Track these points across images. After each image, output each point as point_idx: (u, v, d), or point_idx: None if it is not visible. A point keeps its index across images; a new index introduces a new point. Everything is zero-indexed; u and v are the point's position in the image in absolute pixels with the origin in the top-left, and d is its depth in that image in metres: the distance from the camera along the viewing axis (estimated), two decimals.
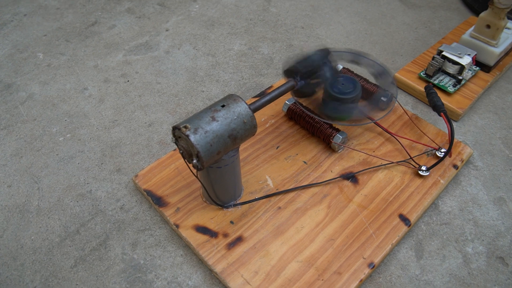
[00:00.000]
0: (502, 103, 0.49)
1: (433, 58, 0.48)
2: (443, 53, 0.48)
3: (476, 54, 0.48)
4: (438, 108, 0.41)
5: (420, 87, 0.48)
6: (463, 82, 0.47)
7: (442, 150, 0.41)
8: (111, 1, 0.65)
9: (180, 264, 0.36)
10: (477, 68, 0.49)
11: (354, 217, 0.37)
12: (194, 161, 0.31)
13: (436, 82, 0.48)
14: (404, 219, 0.37)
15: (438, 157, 0.41)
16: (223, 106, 0.32)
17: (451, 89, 0.47)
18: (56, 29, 0.60)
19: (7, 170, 0.43)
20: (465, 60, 0.46)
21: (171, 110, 0.49)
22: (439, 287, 0.34)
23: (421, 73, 0.49)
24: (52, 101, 0.50)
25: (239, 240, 0.36)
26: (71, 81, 0.52)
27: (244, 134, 0.32)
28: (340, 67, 0.48)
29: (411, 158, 0.41)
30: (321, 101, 0.41)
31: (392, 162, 0.41)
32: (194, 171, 0.34)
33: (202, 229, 0.36)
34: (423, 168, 0.40)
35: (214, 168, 0.34)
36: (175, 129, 0.31)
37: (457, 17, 0.61)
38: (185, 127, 0.30)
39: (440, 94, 0.46)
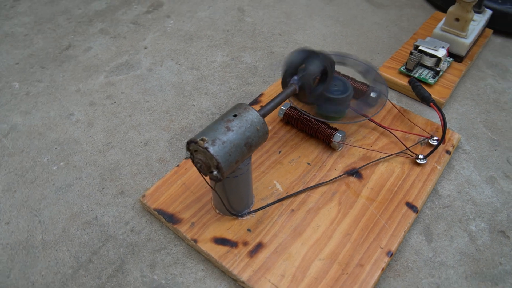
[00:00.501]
0: (476, 89, 0.52)
1: (411, 53, 0.51)
2: (420, 47, 0.50)
3: (449, 46, 0.51)
4: (426, 99, 0.43)
5: (402, 81, 0.51)
6: (441, 73, 0.50)
7: (434, 138, 0.43)
8: (82, 23, 0.64)
9: (203, 278, 0.36)
10: (451, 59, 0.52)
11: (365, 210, 0.38)
12: (215, 172, 0.31)
13: (416, 75, 0.51)
14: (411, 206, 0.39)
15: (431, 145, 0.43)
16: (235, 115, 0.33)
17: (431, 80, 0.50)
18: (28, 56, 0.58)
19: (1, 207, 0.41)
20: (441, 53, 0.50)
21: (165, 127, 0.48)
22: (452, 266, 0.36)
23: (401, 68, 0.52)
24: (38, 130, 0.48)
25: (259, 246, 0.36)
26: (54, 108, 0.51)
27: (258, 140, 0.33)
28: None
29: (407, 148, 0.43)
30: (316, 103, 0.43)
31: (391, 154, 0.43)
32: (211, 183, 0.34)
33: (221, 241, 0.36)
34: (420, 156, 0.42)
35: (231, 178, 0.34)
36: (191, 143, 0.31)
37: (423, 14, 0.65)
38: (203, 139, 0.31)
39: None
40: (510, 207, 0.40)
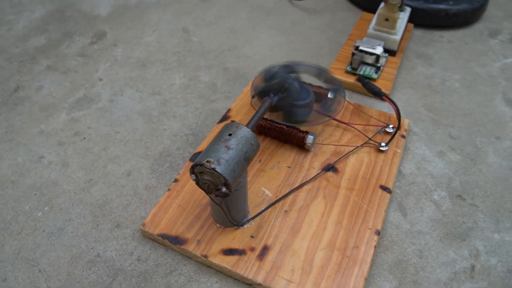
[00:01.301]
0: (411, 78, 0.60)
1: (354, 53, 0.57)
2: (360, 47, 0.57)
3: (383, 43, 0.58)
4: (378, 93, 0.49)
5: (351, 80, 0.57)
6: (381, 68, 0.57)
7: (390, 126, 0.50)
8: (25, 62, 0.62)
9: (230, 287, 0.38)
10: (386, 54, 0.60)
11: (347, 199, 0.43)
12: (223, 189, 0.34)
13: (361, 72, 0.57)
14: (384, 188, 0.44)
15: (387, 132, 0.50)
16: (230, 134, 0.35)
17: (374, 76, 0.57)
18: None
19: None
20: (379, 50, 0.56)
21: (142, 155, 0.50)
22: (427, 233, 0.43)
23: (347, 68, 0.58)
24: (9, 179, 0.47)
25: (265, 249, 0.39)
26: (20, 153, 0.49)
27: (253, 153, 0.36)
28: None
29: (369, 139, 0.49)
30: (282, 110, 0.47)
31: (357, 146, 0.48)
32: (217, 200, 0.37)
33: (229, 251, 0.39)
34: (382, 144, 0.48)
35: (233, 192, 0.37)
36: (196, 166, 0.34)
37: (352, 15, 0.72)
38: (208, 161, 0.33)
39: None
40: (460, 174, 0.48)
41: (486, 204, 0.45)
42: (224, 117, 0.52)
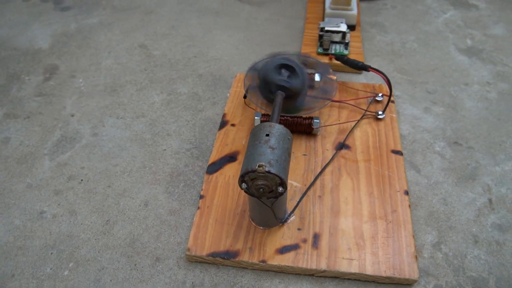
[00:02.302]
0: (374, 47, 0.64)
1: (321, 35, 0.59)
2: (326, 28, 0.59)
3: (344, 20, 0.61)
4: (363, 67, 0.52)
5: (325, 60, 0.59)
6: (349, 43, 0.60)
7: (380, 94, 0.53)
8: None
9: (293, 283, 0.38)
10: (348, 30, 0.63)
11: (368, 170, 0.46)
12: (280, 189, 0.34)
13: (333, 51, 0.59)
14: (396, 152, 0.47)
15: (378, 101, 0.53)
16: (267, 135, 0.35)
17: (346, 52, 0.59)
18: None
19: None
20: (343, 27, 0.59)
21: (152, 181, 0.47)
22: (443, 181, 0.46)
23: (319, 50, 0.60)
24: (15, 245, 0.42)
25: (316, 237, 0.40)
26: (15, 215, 0.44)
27: (291, 146, 0.37)
28: None
29: (366, 110, 0.51)
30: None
31: (358, 120, 0.50)
32: (268, 202, 0.37)
33: (284, 249, 0.39)
34: (380, 112, 0.51)
35: None
36: (247, 174, 0.33)
37: (299, 0, 0.74)
38: (260, 166, 0.33)
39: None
40: (449, 123, 0.53)
41: (479, 144, 0.50)
42: (223, 123, 0.51)
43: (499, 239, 0.41)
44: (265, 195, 0.35)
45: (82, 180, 0.48)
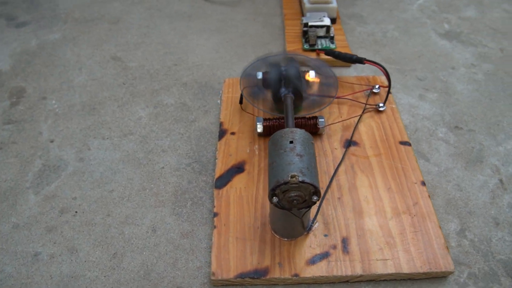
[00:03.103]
0: (357, 39, 0.63)
1: (306, 31, 0.57)
2: (309, 23, 0.58)
3: (326, 14, 0.60)
4: (359, 60, 0.51)
5: (312, 56, 0.57)
6: (334, 37, 0.59)
7: (376, 86, 0.52)
8: None
9: None
10: (330, 23, 0.62)
11: (381, 165, 0.44)
12: (314, 198, 0.32)
13: (319, 47, 0.58)
14: (404, 143, 0.47)
15: (375, 93, 0.52)
16: (291, 142, 0.33)
17: (332, 46, 0.58)
18: None
19: None
20: (327, 21, 0.58)
21: (156, 204, 0.43)
22: (453, 167, 0.46)
23: (305, 46, 0.58)
24: None
25: (345, 241, 0.38)
26: (5, 261, 0.39)
27: (314, 150, 0.35)
28: (259, 74, 0.52)
29: (366, 104, 0.50)
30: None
31: (361, 115, 0.49)
32: (298, 213, 0.35)
33: (314, 259, 0.37)
34: (380, 105, 0.50)
35: None
36: (279, 186, 0.31)
37: None
38: (293, 176, 0.31)
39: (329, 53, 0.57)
40: (445, 108, 0.53)
41: (478, 126, 0.51)
42: (222, 132, 0.48)
43: None
44: (298, 206, 0.32)
45: (76, 211, 0.43)
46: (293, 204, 0.32)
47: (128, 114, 0.53)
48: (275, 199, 0.32)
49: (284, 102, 0.40)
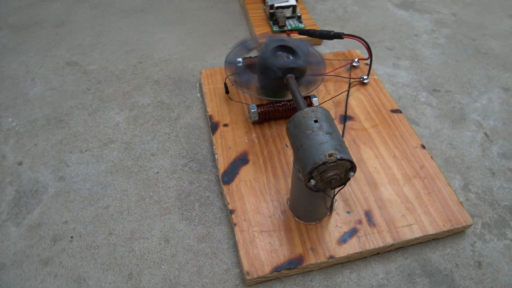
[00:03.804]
0: (320, 17, 0.63)
1: (273, 13, 0.56)
2: (275, 5, 0.56)
3: None
4: (337, 35, 0.50)
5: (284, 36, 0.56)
6: (301, 16, 0.58)
7: (356, 60, 0.52)
8: None
9: (355, 274, 0.36)
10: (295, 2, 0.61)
11: (380, 135, 0.45)
12: (351, 174, 0.31)
13: (289, 27, 0.57)
14: (395, 111, 0.47)
15: (355, 66, 0.52)
16: (316, 121, 0.32)
17: (302, 25, 0.57)
18: None
19: None
20: (292, 1, 0.57)
21: (160, 212, 0.40)
22: (441, 128, 0.48)
23: (274, 28, 0.57)
24: None
25: (368, 214, 0.38)
26: None
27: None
28: (240, 60, 0.49)
29: (350, 78, 0.50)
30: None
31: (348, 90, 0.49)
32: (331, 193, 0.33)
33: (344, 238, 0.36)
34: (364, 77, 0.50)
35: None
36: (318, 167, 0.29)
37: None
38: (331, 155, 0.29)
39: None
40: (420, 73, 0.54)
41: (453, 86, 0.53)
42: (214, 125, 0.45)
43: (510, 165, 0.45)
44: (334, 186, 0.31)
45: (72, 237, 0.38)
46: (331, 184, 0.31)
47: (103, 121, 0.48)
48: (312, 181, 0.30)
49: (288, 84, 0.39)
